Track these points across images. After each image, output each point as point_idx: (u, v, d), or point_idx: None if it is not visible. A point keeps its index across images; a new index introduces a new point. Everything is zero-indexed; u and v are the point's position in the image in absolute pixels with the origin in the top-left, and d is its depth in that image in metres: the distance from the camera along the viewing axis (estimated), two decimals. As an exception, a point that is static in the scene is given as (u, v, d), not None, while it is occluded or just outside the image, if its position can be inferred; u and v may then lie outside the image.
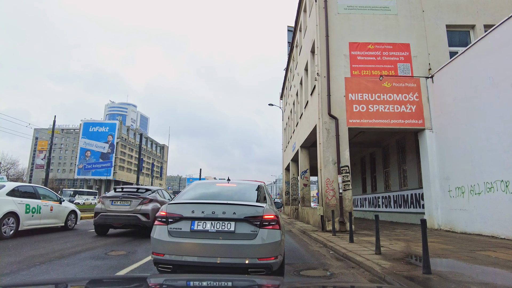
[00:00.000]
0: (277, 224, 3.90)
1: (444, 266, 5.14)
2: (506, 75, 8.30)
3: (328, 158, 11.27)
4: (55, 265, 5.19)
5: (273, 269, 3.78)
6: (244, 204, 3.99)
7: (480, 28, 12.16)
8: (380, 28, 12.39)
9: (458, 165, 10.11)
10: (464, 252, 6.24)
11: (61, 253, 6.27)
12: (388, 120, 11.52)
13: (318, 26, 12.49)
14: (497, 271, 4.67)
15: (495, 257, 5.68)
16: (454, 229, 10.12)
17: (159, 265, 3.83)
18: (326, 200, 11.05)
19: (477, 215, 9.24)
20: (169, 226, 3.83)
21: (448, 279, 4.14)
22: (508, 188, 8.12)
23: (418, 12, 12.52)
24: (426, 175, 11.46)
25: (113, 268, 5.15)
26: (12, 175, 68.60)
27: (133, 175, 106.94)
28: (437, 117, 11.29)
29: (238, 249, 3.67)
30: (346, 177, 11.08)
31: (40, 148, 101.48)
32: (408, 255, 6.06)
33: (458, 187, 10.11)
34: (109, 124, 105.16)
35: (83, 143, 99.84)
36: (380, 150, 18.28)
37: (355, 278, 4.83)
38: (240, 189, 4.73)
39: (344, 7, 12.56)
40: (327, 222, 10.87)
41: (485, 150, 8.99)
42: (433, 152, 11.29)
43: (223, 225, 3.76)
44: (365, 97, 11.67)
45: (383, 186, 17.75)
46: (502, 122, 8.40)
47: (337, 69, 11.93)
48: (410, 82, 11.81)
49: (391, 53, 12.15)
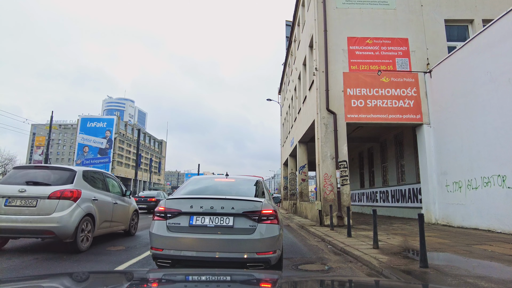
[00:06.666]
0: (276, 218, 3.92)
1: (441, 260, 5.18)
2: (504, 70, 8.31)
3: (326, 153, 11.29)
4: (54, 260, 5.20)
5: (271, 263, 3.81)
6: (243, 199, 4.01)
7: (479, 23, 12.13)
8: (378, 22, 12.34)
9: (456, 160, 10.15)
10: (461, 246, 6.29)
11: (60, 247, 6.27)
12: (386, 115, 11.53)
13: (316, 21, 12.43)
14: (493, 264, 4.72)
15: (491, 251, 5.73)
16: (451, 224, 10.20)
17: (158, 260, 3.85)
18: (324, 195, 11.09)
19: (474, 209, 9.30)
20: (168, 221, 3.84)
21: (445, 273, 4.18)
22: (504, 183, 8.17)
23: (417, 6, 12.47)
24: (424, 170, 11.50)
25: (112, 263, 5.16)
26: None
27: (132, 171, 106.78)
28: (435, 112, 11.31)
29: (237, 244, 3.69)
30: (344, 172, 11.11)
31: (38, 143, 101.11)
32: (406, 249, 6.10)
33: (455, 182, 10.16)
34: (106, 120, 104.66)
35: (81, 139, 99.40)
36: (378, 145, 18.32)
37: (353, 272, 4.86)
38: (238, 184, 4.73)
39: (342, 1, 12.49)
40: (325, 217, 10.92)
41: (482, 145, 9.03)
42: (430, 147, 11.33)
43: (222, 220, 3.77)
44: (363, 92, 11.66)
45: (381, 180, 17.82)
46: (500, 117, 8.42)
47: (336, 64, 11.90)
48: (408, 77, 11.80)
49: (389, 48, 12.12)
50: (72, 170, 6.30)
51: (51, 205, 5.60)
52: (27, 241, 6.90)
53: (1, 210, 5.53)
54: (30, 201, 5.60)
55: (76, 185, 6.03)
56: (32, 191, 5.66)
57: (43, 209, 5.56)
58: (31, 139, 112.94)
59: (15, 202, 5.59)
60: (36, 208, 5.56)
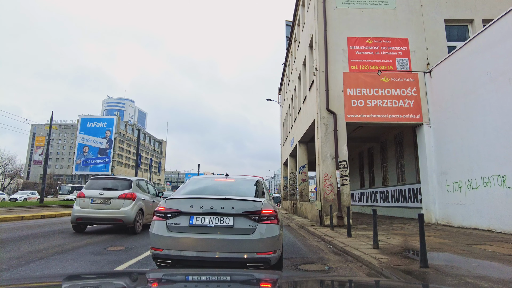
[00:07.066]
0: (276, 218, 3.92)
1: (441, 260, 5.18)
2: (504, 70, 8.31)
3: (326, 153, 11.29)
4: (54, 260, 5.20)
5: (271, 263, 3.81)
6: (243, 199, 4.01)
7: (479, 23, 12.14)
8: (378, 22, 12.34)
9: (456, 160, 10.16)
10: (461, 246, 6.29)
11: (60, 248, 6.28)
12: (386, 115, 11.53)
13: (316, 21, 12.43)
14: (493, 264, 4.72)
15: (492, 251, 5.73)
16: (451, 224, 10.20)
17: (158, 260, 3.85)
18: (324, 195, 11.09)
19: (474, 209, 9.30)
20: (168, 221, 3.83)
21: (445, 273, 4.18)
22: (504, 183, 8.17)
23: (417, 6, 12.47)
24: (424, 170, 11.50)
25: (112, 263, 5.16)
26: (10, 171, 68.40)
27: (131, 171, 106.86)
28: (435, 112, 11.31)
29: (237, 244, 3.68)
30: (344, 172, 11.11)
31: (38, 143, 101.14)
32: (406, 249, 6.10)
33: (455, 182, 10.16)
34: (106, 120, 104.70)
35: (81, 139, 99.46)
36: (378, 145, 18.32)
37: (353, 272, 4.86)
38: (238, 184, 4.73)
39: (342, 1, 12.50)
40: (325, 217, 10.92)
41: (482, 145, 9.03)
42: (431, 147, 11.33)
43: (222, 220, 3.77)
44: (363, 92, 11.66)
45: (381, 180, 17.83)
46: (500, 117, 8.42)
47: (335, 64, 11.90)
48: (408, 77, 11.80)
49: (389, 48, 12.12)
50: (129, 180, 9.32)
51: (119, 203, 8.61)
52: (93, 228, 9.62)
53: (89, 206, 8.55)
54: (107, 200, 8.63)
55: (133, 189, 9.03)
56: (108, 194, 8.70)
57: (114, 205, 8.58)
58: (31, 139, 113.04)
59: (97, 201, 8.62)
60: (110, 205, 8.59)
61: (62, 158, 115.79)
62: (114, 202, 8.54)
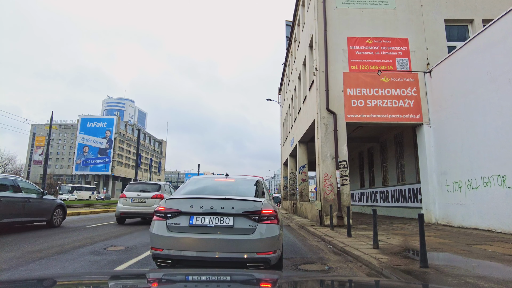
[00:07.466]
0: (275, 218, 3.92)
1: (441, 260, 5.18)
2: (504, 70, 8.31)
3: (326, 153, 11.29)
4: (54, 260, 5.20)
5: (271, 263, 3.81)
6: (243, 199, 4.01)
7: (479, 23, 12.13)
8: (378, 22, 12.34)
9: (456, 160, 10.15)
10: (461, 246, 6.29)
11: (60, 248, 6.28)
12: (386, 115, 11.53)
13: (316, 21, 12.43)
14: (493, 264, 4.72)
15: (492, 251, 5.73)
16: (451, 224, 10.20)
17: (158, 260, 3.85)
18: (324, 195, 11.09)
19: (474, 209, 9.30)
20: (168, 221, 3.83)
21: (445, 273, 4.18)
22: (504, 183, 8.17)
23: (417, 6, 12.47)
24: (424, 170, 11.50)
25: (112, 263, 5.16)
26: (10, 171, 68.39)
27: (131, 171, 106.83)
28: (435, 112, 11.31)
29: (237, 244, 3.68)
30: (344, 172, 11.11)
31: (38, 143, 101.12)
32: (406, 249, 6.10)
33: (455, 182, 10.16)
34: (106, 120, 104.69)
35: (81, 139, 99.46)
36: (378, 145, 18.32)
37: (353, 272, 4.86)
38: (238, 184, 4.73)
39: (342, 1, 12.49)
40: (325, 217, 10.92)
41: (482, 145, 9.03)
42: (430, 146, 11.33)
43: (222, 220, 3.77)
44: (363, 92, 11.66)
45: (381, 180, 17.83)
46: (500, 117, 8.42)
47: (335, 64, 11.90)
48: (408, 77, 11.80)
49: (389, 48, 12.12)
50: (159, 184, 12.32)
51: (152, 201, 11.29)
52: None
53: (130, 204, 11.44)
54: (142, 199, 11.47)
55: (161, 191, 11.81)
56: (143, 195, 11.56)
57: (149, 204, 11.35)
58: (31, 139, 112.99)
59: (135, 200, 11.48)
60: (145, 203, 11.40)
61: (62, 158, 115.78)
62: (148, 201, 11.36)
